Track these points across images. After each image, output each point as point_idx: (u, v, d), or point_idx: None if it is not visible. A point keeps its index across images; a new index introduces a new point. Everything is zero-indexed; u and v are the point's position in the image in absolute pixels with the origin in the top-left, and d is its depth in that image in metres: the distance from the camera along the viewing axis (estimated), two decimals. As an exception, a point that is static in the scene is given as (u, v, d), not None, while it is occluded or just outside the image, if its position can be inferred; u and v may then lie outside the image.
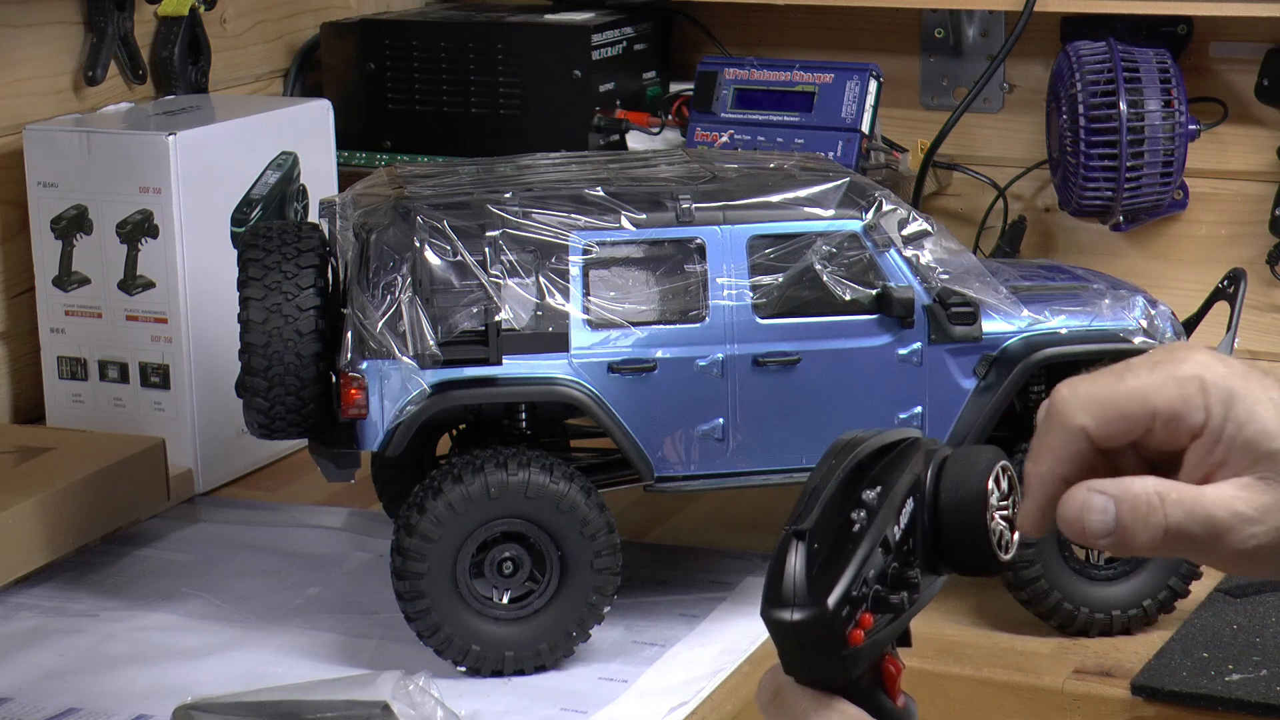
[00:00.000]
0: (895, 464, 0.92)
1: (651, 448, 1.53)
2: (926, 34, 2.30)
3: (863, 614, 0.88)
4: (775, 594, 0.88)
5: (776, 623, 0.88)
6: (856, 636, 0.88)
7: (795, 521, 0.88)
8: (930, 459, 0.93)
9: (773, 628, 0.88)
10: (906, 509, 0.91)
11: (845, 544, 0.88)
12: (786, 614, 0.87)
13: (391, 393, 1.48)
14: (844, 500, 0.89)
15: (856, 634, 0.88)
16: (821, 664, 0.88)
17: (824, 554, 0.88)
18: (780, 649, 0.89)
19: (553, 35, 2.23)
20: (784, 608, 0.87)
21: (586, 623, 1.51)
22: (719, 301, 1.52)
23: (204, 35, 2.18)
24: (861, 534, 0.89)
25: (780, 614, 0.87)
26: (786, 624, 0.87)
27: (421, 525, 1.47)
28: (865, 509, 0.89)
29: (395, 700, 1.38)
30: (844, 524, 0.89)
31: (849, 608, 0.87)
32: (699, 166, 1.61)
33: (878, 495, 0.90)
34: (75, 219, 1.89)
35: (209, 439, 1.90)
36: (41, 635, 1.61)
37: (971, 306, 1.54)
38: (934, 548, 0.92)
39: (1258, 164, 2.19)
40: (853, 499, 0.90)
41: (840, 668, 0.88)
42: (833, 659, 0.88)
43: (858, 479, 0.91)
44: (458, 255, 1.48)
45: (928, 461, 0.93)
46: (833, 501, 0.89)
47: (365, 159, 2.30)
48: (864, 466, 0.91)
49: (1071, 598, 1.55)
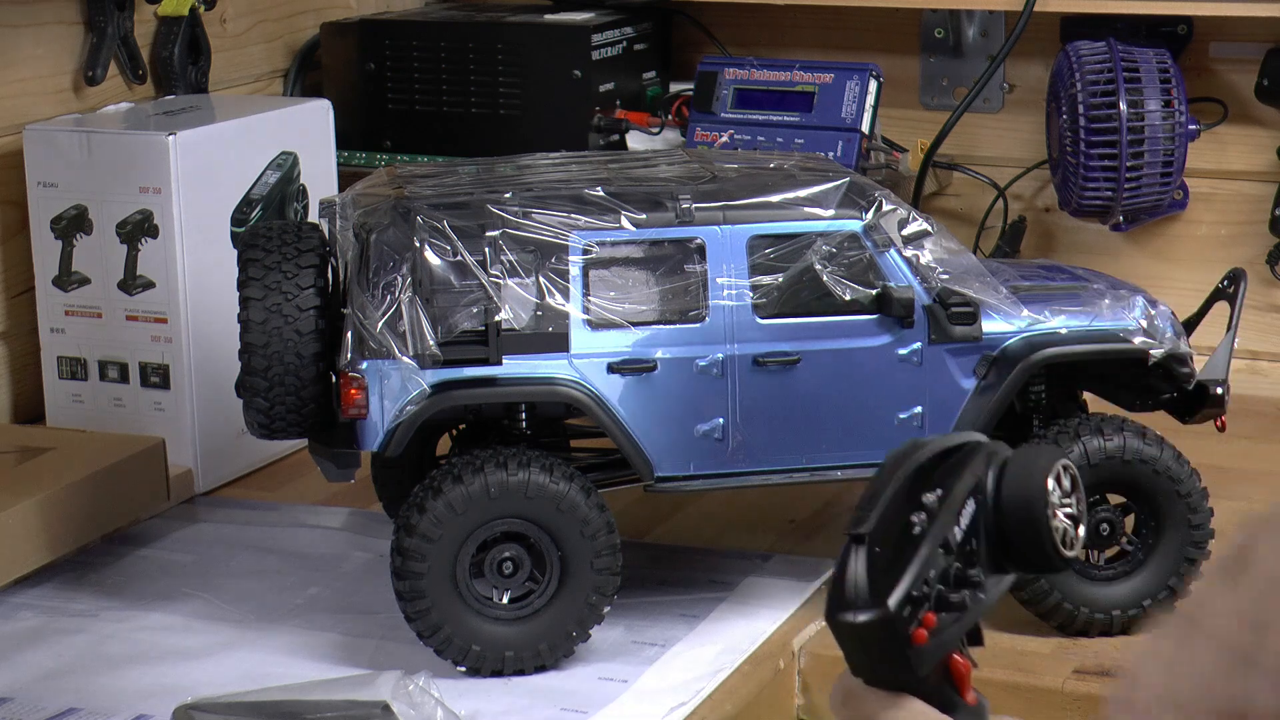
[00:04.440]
0: (957, 467, 0.94)
1: (651, 448, 1.53)
2: (926, 34, 2.30)
3: (925, 613, 0.89)
4: (839, 597, 0.89)
5: (841, 625, 0.89)
6: (920, 636, 0.89)
7: (854, 526, 0.90)
8: (991, 461, 0.95)
9: (837, 630, 0.90)
10: (968, 510, 0.92)
11: (906, 546, 0.90)
12: (850, 616, 0.89)
13: (391, 393, 1.48)
14: (905, 504, 0.91)
15: (920, 633, 0.89)
16: (887, 664, 0.90)
17: (886, 557, 0.89)
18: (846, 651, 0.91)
19: (553, 35, 2.23)
20: (847, 610, 0.89)
21: (586, 623, 1.51)
22: (719, 301, 1.52)
23: (204, 35, 2.18)
24: (922, 536, 0.90)
25: (844, 616, 0.89)
26: (850, 625, 0.89)
27: (421, 525, 1.47)
28: (925, 511, 0.91)
29: (395, 700, 1.38)
30: (905, 527, 0.90)
31: (911, 608, 0.89)
32: (699, 166, 1.61)
33: (938, 498, 0.92)
34: (75, 219, 1.89)
35: (209, 439, 1.90)
36: (41, 635, 1.61)
37: (971, 306, 1.54)
38: (998, 547, 0.94)
39: (1258, 164, 2.19)
40: (913, 502, 0.91)
41: (906, 667, 0.89)
42: (898, 658, 0.89)
43: (919, 483, 0.92)
44: (458, 255, 1.48)
45: (989, 463, 0.95)
46: (892, 505, 0.91)
47: (365, 159, 2.30)
48: (925, 471, 0.93)
49: (1071, 598, 1.55)
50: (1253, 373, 2.19)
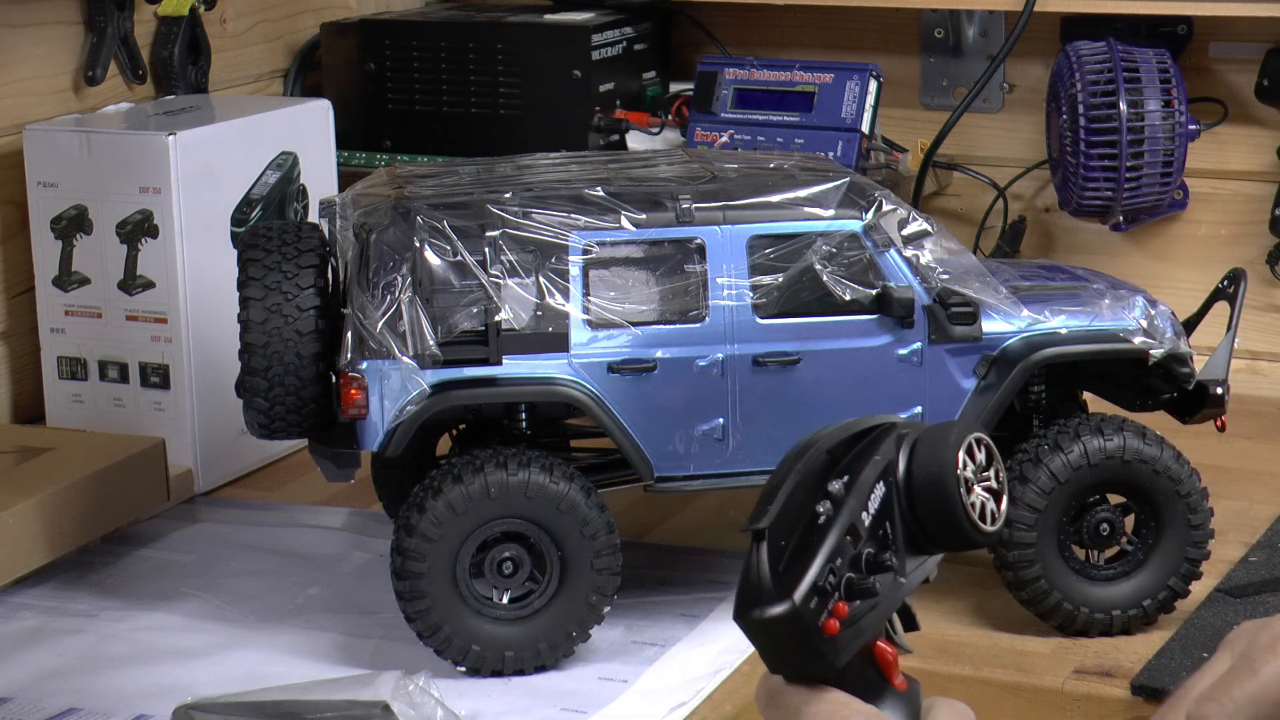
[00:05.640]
0: (866, 451, 0.92)
1: (651, 448, 1.53)
2: (926, 34, 2.30)
3: (836, 603, 0.87)
4: (743, 595, 0.87)
5: (748, 623, 0.87)
6: (831, 626, 0.87)
7: (753, 522, 0.88)
8: (902, 441, 0.92)
9: (746, 629, 0.88)
10: (877, 493, 0.90)
11: (811, 537, 0.88)
12: (756, 613, 0.87)
13: (391, 393, 1.48)
14: (811, 494, 0.89)
15: (831, 624, 0.87)
16: (802, 658, 0.88)
17: (790, 550, 0.88)
18: (760, 650, 0.89)
19: (553, 35, 2.23)
20: (753, 607, 0.87)
21: (586, 623, 1.51)
22: (719, 301, 1.52)
23: (204, 35, 2.18)
24: (828, 525, 0.88)
25: (750, 614, 0.87)
26: (757, 622, 0.87)
27: (421, 525, 1.47)
28: (831, 500, 0.89)
29: (395, 700, 1.38)
30: (810, 518, 0.88)
31: (818, 599, 0.87)
32: (699, 166, 1.61)
33: (844, 484, 0.89)
34: (75, 219, 1.89)
35: (209, 439, 1.90)
36: (41, 635, 1.61)
37: (971, 306, 1.54)
38: (914, 529, 0.92)
39: (1258, 164, 2.19)
40: (819, 492, 0.89)
41: (821, 659, 0.88)
42: (810, 651, 0.87)
43: (827, 472, 0.90)
44: (458, 255, 1.48)
45: (899, 444, 0.92)
46: (794, 497, 0.89)
47: (365, 159, 2.30)
48: (835, 458, 0.91)
49: (1071, 598, 1.55)
50: (1253, 373, 2.19)
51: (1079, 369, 1.62)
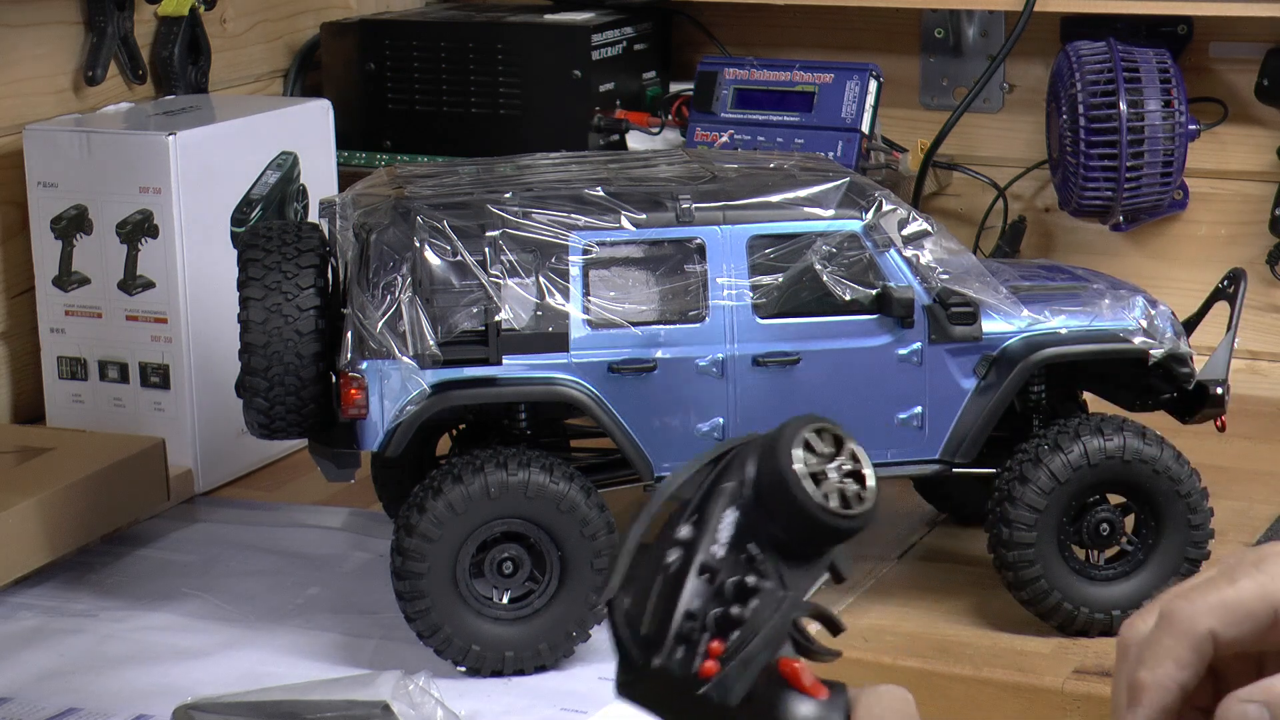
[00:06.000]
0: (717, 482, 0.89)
1: (651, 448, 1.53)
2: (926, 34, 2.30)
3: (709, 643, 0.84)
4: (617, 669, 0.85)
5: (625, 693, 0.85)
6: (708, 669, 0.84)
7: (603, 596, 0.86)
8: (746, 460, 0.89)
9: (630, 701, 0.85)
10: (726, 521, 0.87)
11: (667, 589, 0.85)
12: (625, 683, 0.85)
13: (391, 393, 1.48)
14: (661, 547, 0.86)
15: (708, 666, 0.84)
16: (688, 708, 0.85)
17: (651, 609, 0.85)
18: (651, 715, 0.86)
19: (553, 35, 2.23)
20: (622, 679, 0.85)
21: (586, 623, 1.51)
22: (719, 301, 1.52)
23: (204, 35, 2.18)
24: (682, 571, 0.85)
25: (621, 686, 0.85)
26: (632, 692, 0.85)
27: (421, 525, 1.47)
28: (680, 545, 0.86)
29: (395, 700, 1.38)
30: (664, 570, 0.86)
31: (684, 648, 0.84)
32: (699, 166, 1.61)
33: (693, 524, 0.87)
34: (75, 219, 1.90)
35: (209, 439, 1.90)
36: (41, 635, 1.61)
37: (971, 306, 1.54)
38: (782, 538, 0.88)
39: (1258, 164, 2.19)
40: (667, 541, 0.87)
41: (708, 703, 0.84)
42: (695, 700, 0.84)
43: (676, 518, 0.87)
44: (458, 255, 1.48)
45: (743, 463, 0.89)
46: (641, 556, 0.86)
47: (365, 159, 2.30)
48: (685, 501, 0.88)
49: (1071, 598, 1.55)
50: (1253, 373, 2.19)
51: (1079, 369, 1.62)
